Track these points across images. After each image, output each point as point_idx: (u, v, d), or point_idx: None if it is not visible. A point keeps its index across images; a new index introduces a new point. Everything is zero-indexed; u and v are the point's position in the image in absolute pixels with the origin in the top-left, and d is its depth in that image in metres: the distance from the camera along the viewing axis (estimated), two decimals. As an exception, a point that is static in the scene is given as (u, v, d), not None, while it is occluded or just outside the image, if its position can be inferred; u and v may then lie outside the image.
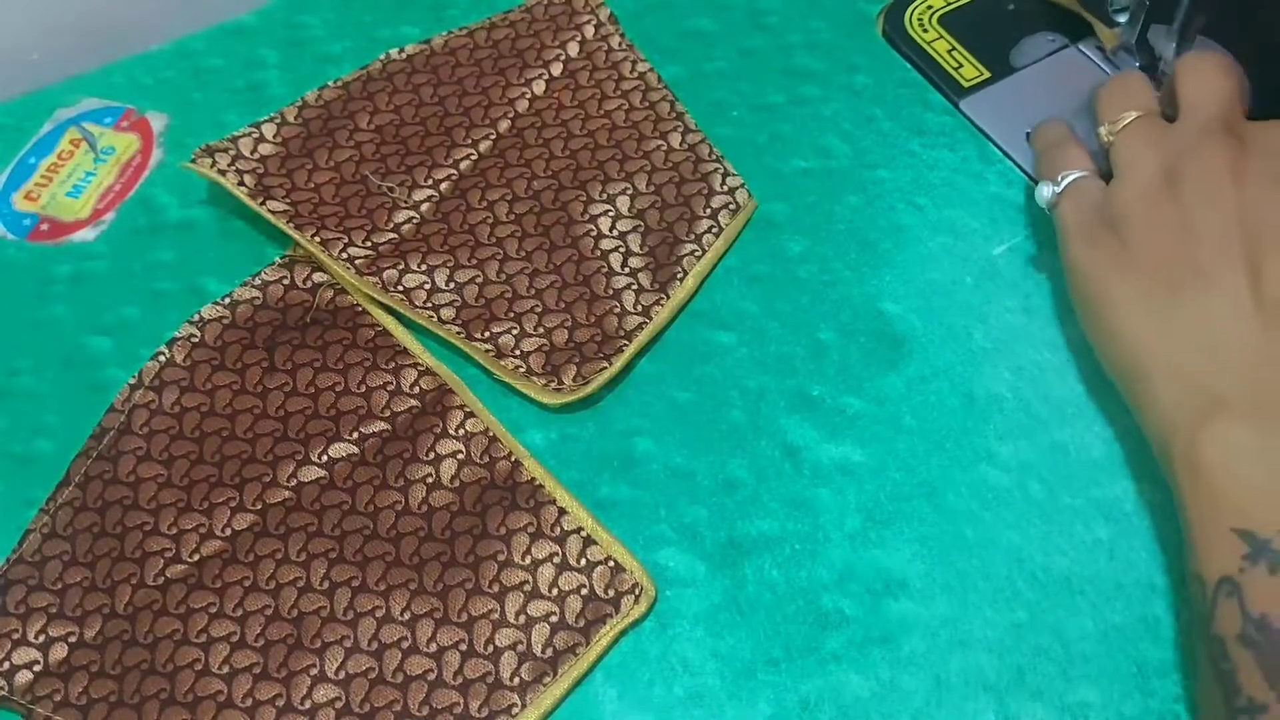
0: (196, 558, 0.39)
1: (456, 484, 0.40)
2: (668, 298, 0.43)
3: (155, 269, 0.46)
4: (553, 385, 0.41)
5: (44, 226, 0.48)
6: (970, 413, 0.41)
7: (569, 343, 0.42)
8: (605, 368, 0.41)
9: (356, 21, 0.54)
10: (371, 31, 0.53)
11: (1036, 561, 0.38)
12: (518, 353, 0.42)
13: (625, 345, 0.42)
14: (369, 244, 0.45)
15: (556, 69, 0.50)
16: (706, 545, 0.39)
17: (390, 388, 0.42)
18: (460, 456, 0.40)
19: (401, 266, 0.44)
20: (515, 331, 0.43)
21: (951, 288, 0.44)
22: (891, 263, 0.45)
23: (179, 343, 0.43)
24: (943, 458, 0.40)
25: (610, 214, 0.46)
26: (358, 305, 0.44)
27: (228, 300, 0.44)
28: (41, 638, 0.37)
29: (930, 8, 0.52)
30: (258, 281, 0.45)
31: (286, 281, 0.45)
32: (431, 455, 0.40)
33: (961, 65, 0.50)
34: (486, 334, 0.43)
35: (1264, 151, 0.37)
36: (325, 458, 0.40)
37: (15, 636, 0.38)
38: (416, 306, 0.43)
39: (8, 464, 0.42)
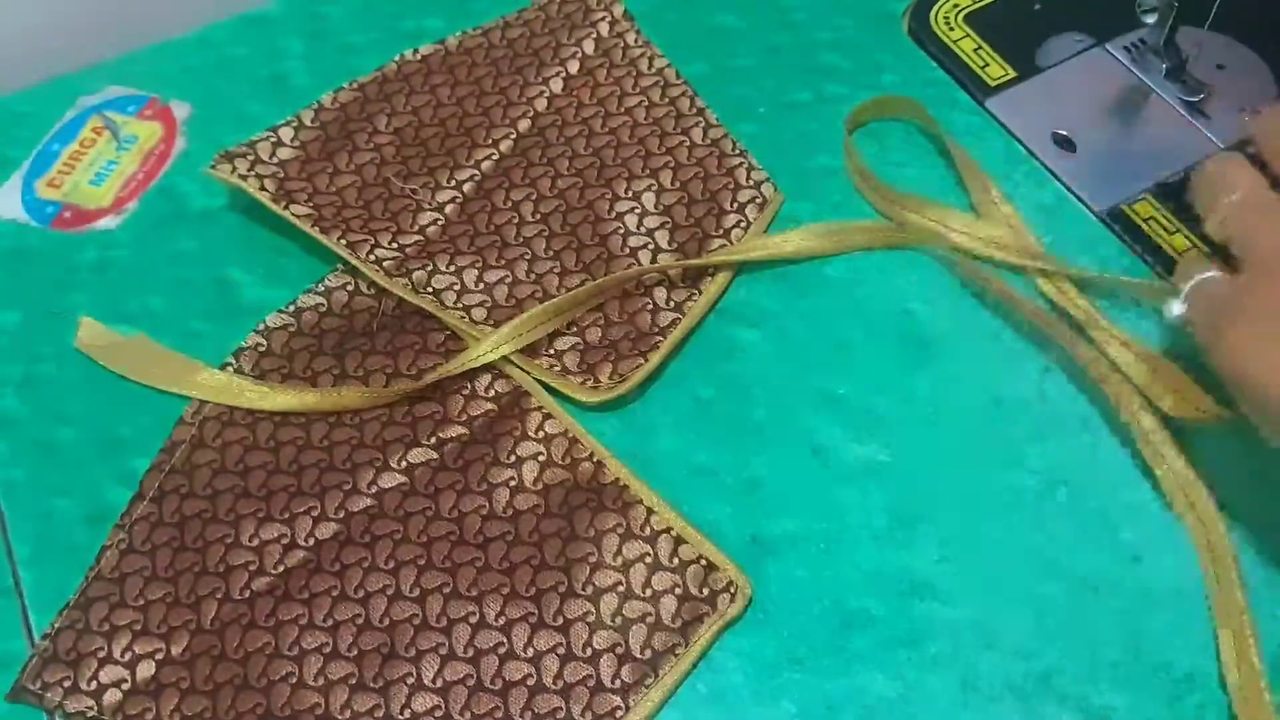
0: (281, 569, 0.38)
1: (540, 486, 0.39)
2: (700, 293, 0.43)
3: (178, 258, 0.46)
4: (589, 384, 0.41)
5: (67, 214, 0.48)
6: (998, 414, 0.40)
7: (603, 340, 0.42)
8: (642, 364, 0.41)
9: (380, 13, 0.54)
10: (395, 23, 0.53)
11: (1063, 564, 0.38)
12: (551, 352, 0.42)
13: (660, 341, 0.42)
14: (395, 245, 0.44)
15: (573, 67, 0.50)
16: (730, 543, 0.38)
17: (465, 392, 0.41)
18: (542, 459, 0.40)
19: (430, 268, 0.44)
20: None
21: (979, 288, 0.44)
22: (918, 262, 0.44)
23: (245, 353, 0.42)
24: (969, 459, 0.40)
25: (637, 211, 0.45)
26: (425, 310, 0.43)
27: (291, 308, 0.44)
28: (128, 655, 0.37)
29: (956, 6, 0.52)
30: (320, 288, 0.44)
31: (351, 287, 0.44)
32: (512, 458, 0.40)
33: (987, 64, 0.50)
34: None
35: None
36: (405, 463, 0.40)
37: (101, 655, 0.37)
38: (447, 307, 0.43)
39: (30, 451, 0.42)
